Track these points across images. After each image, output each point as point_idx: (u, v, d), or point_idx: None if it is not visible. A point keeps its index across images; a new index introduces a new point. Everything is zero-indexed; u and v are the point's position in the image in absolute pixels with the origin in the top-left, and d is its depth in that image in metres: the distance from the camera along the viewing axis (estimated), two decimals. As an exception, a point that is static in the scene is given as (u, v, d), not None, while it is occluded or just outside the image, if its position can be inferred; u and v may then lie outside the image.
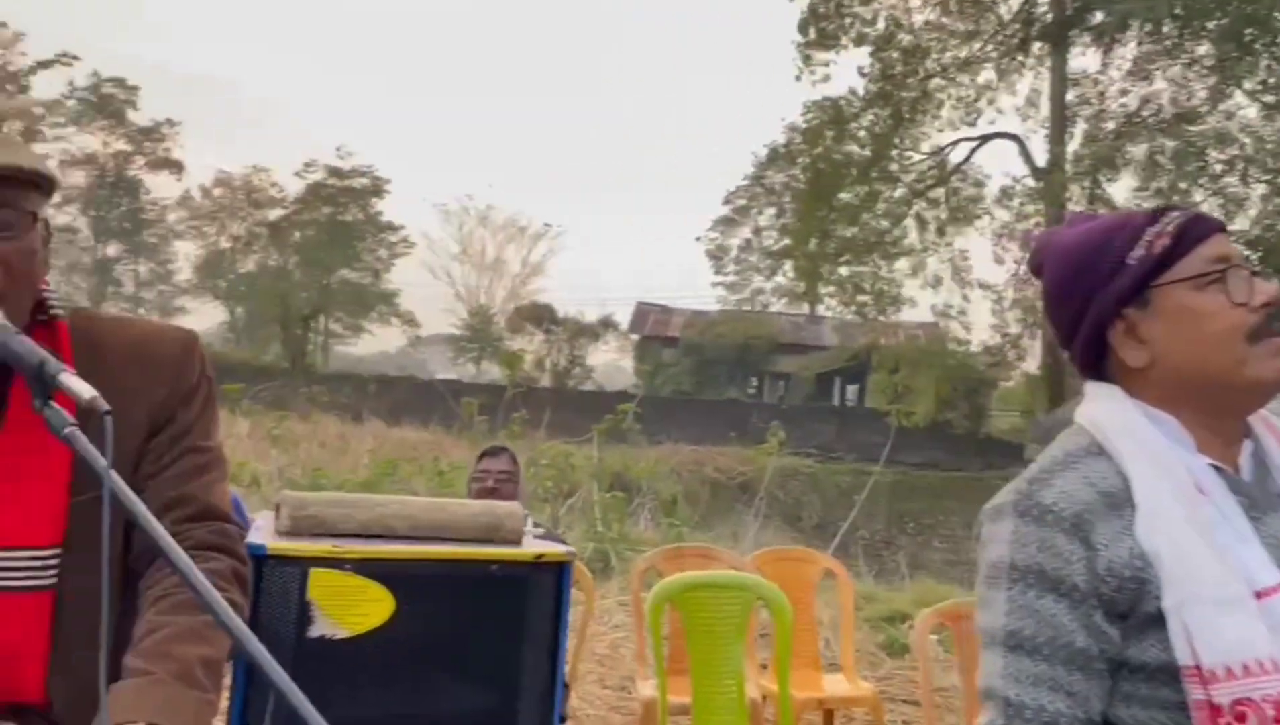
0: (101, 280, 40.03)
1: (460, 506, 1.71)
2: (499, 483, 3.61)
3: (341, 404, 22.93)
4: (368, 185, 41.13)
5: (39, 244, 1.35)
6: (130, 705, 1.18)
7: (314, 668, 1.52)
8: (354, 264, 42.02)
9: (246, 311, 41.08)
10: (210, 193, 42.99)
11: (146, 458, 1.41)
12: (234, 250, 42.94)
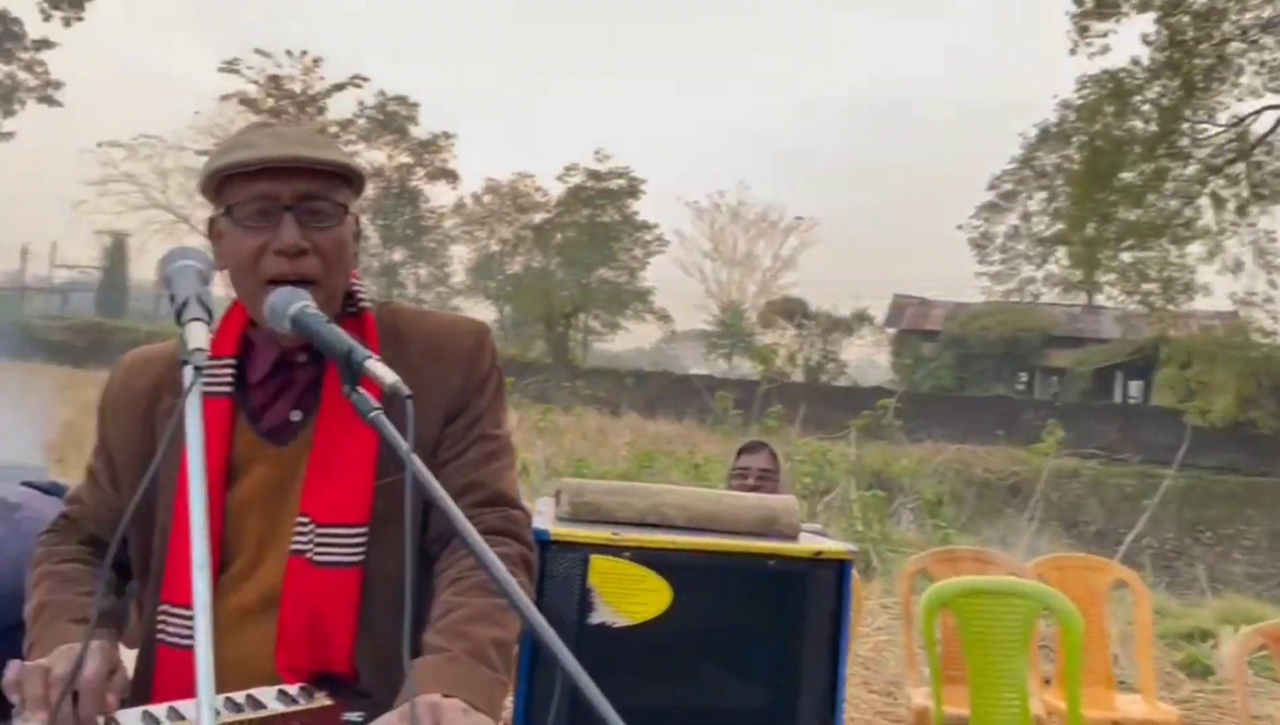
0: (388, 283, 43.59)
1: (736, 498, 1.67)
2: (760, 480, 3.55)
3: (600, 398, 23.77)
4: (624, 186, 42.39)
5: (349, 236, 1.43)
6: (428, 679, 1.22)
7: (594, 655, 1.52)
8: (611, 263, 43.45)
9: (514, 310, 43.44)
10: (481, 199, 45.81)
11: (442, 444, 1.46)
12: (502, 253, 45.52)
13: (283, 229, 1.34)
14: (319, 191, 1.37)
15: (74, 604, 1.38)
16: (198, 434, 1.05)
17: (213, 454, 1.40)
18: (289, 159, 1.33)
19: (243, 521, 1.41)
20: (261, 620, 1.40)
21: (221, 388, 1.43)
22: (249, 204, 1.35)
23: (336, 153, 1.40)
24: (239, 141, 1.38)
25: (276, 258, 1.34)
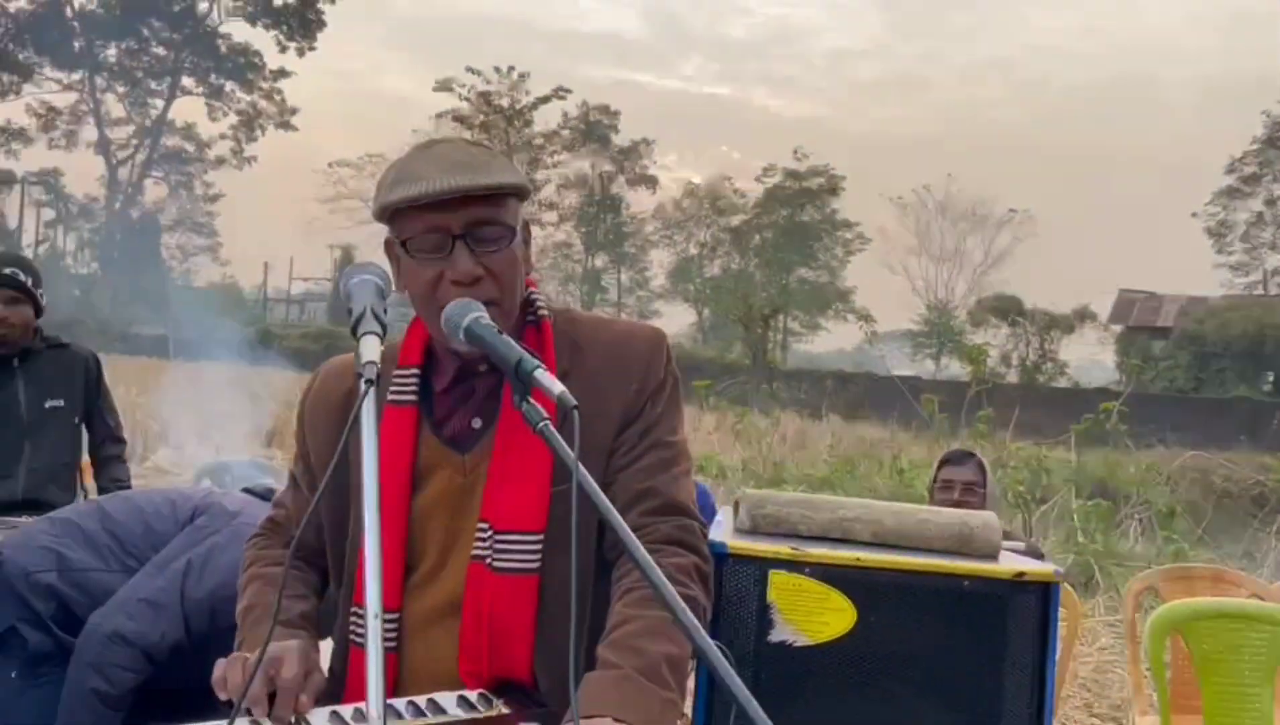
0: (591, 288, 44.72)
1: (930, 513, 1.57)
2: (966, 493, 3.36)
3: (800, 400, 23.45)
4: (823, 185, 41.72)
5: (521, 251, 1.44)
6: (597, 697, 1.20)
7: (774, 674, 1.47)
8: (811, 263, 42.88)
9: (712, 312, 43.57)
10: (680, 203, 46.26)
11: (618, 451, 1.45)
12: (701, 256, 45.79)
13: (456, 260, 1.35)
14: (487, 216, 1.37)
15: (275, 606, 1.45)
16: (372, 443, 1.08)
17: (398, 461, 1.44)
18: (454, 191, 1.33)
19: (427, 526, 1.44)
20: (446, 624, 1.42)
21: (407, 397, 1.47)
22: (422, 237, 1.37)
23: (500, 172, 1.40)
24: (406, 173, 1.38)
25: (454, 287, 1.36)
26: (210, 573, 2.23)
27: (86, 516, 2.50)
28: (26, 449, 3.31)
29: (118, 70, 41.81)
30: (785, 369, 32.11)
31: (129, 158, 42.59)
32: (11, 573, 2.34)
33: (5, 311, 3.28)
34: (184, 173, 43.93)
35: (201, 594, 2.22)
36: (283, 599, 1.46)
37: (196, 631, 2.22)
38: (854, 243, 43.38)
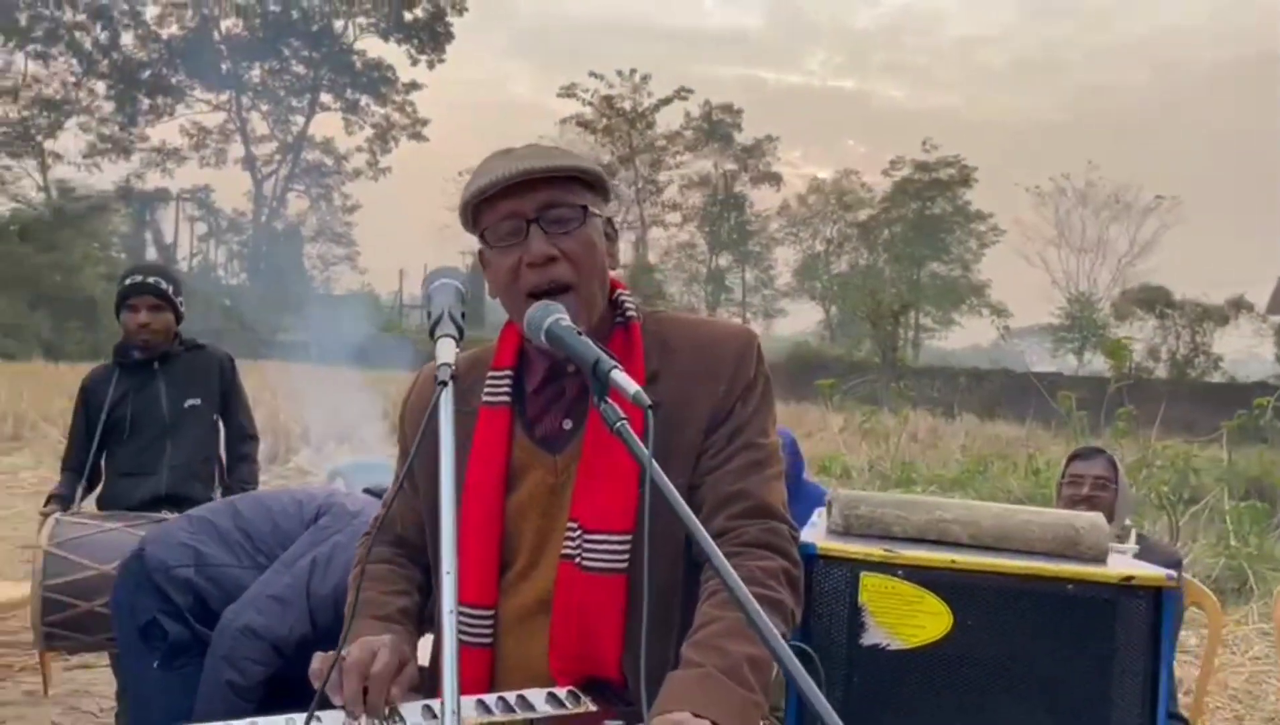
0: (716, 288, 44.65)
1: (1033, 514, 1.51)
2: (1095, 490, 3.22)
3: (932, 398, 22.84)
4: (954, 176, 40.59)
5: (597, 236, 1.45)
6: (679, 696, 1.20)
7: (868, 678, 1.44)
8: (943, 257, 41.79)
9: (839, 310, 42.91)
10: (805, 200, 45.76)
11: (706, 452, 1.44)
12: (827, 252, 45.18)
13: (531, 241, 1.38)
14: (557, 198, 1.40)
15: (378, 602, 1.50)
16: (449, 442, 1.10)
17: (492, 461, 1.47)
18: (522, 174, 1.37)
19: (520, 525, 1.47)
20: (538, 622, 1.44)
21: (500, 398, 1.50)
22: (499, 225, 1.41)
23: (569, 159, 1.43)
24: (480, 171, 1.44)
25: (530, 270, 1.38)
26: (333, 570, 2.33)
27: (220, 515, 2.65)
28: (168, 447, 3.52)
29: (261, 90, 43.99)
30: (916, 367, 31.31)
31: (273, 173, 44.78)
32: (152, 567, 2.49)
33: (148, 317, 3.50)
34: (323, 185, 45.92)
35: (325, 590, 2.32)
36: (383, 595, 1.51)
37: (322, 626, 2.32)
38: (988, 235, 42.09)
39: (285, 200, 45.45)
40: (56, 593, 3.10)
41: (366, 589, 1.54)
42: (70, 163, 41.01)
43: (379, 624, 1.44)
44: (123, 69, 41.19)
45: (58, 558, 3.12)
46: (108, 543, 3.14)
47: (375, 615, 1.47)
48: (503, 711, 1.30)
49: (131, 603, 2.48)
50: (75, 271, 31.84)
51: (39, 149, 40.19)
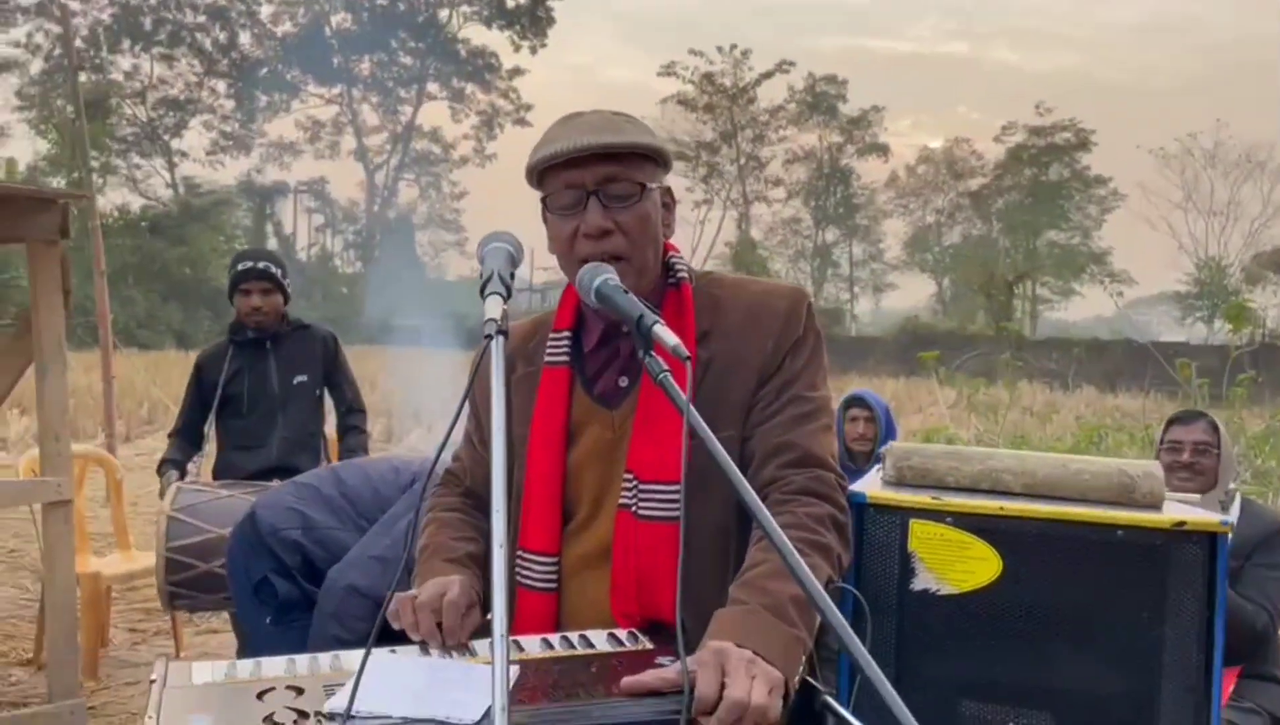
0: (822, 263, 44.11)
1: (1086, 463, 1.51)
2: (1195, 455, 3.11)
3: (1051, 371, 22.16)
4: (1071, 140, 39.11)
5: (653, 210, 1.51)
6: (726, 630, 1.26)
7: (917, 622, 1.47)
8: (1061, 224, 40.38)
9: (952, 282, 41.90)
10: (914, 171, 44.75)
11: (756, 405, 1.50)
12: (938, 223, 44.14)
13: (588, 213, 1.45)
14: (618, 174, 1.46)
15: (448, 546, 1.60)
16: (500, 393, 1.17)
17: (554, 417, 1.56)
18: (585, 148, 1.44)
19: (581, 478, 1.55)
20: (599, 569, 1.52)
21: (560, 357, 1.58)
22: (560, 194, 1.49)
23: (633, 134, 1.49)
24: (547, 137, 1.51)
25: (585, 240, 1.45)
26: None
27: (324, 481, 2.83)
28: (279, 421, 3.74)
29: (371, 82, 45.24)
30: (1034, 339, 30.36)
31: (384, 163, 46.06)
32: (263, 529, 2.68)
33: (260, 300, 3.73)
34: (432, 174, 47.03)
35: None
36: (452, 540, 1.61)
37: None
38: (1109, 200, 40.50)
39: (396, 189, 46.74)
40: (178, 554, 3.34)
41: (437, 535, 1.65)
42: (195, 160, 43.04)
43: (448, 566, 1.54)
44: (241, 67, 42.90)
45: (179, 522, 3.37)
46: (224, 508, 3.37)
47: (445, 558, 1.57)
48: (565, 648, 1.38)
49: (245, 563, 2.67)
50: (202, 264, 33.43)
51: (166, 147, 42.24)
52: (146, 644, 5.11)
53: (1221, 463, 3.11)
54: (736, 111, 41.50)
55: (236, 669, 1.25)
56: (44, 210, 2.99)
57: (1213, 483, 3.08)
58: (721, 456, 1.14)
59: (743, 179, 42.46)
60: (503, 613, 1.04)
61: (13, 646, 4.94)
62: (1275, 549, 2.94)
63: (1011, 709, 1.43)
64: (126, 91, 40.34)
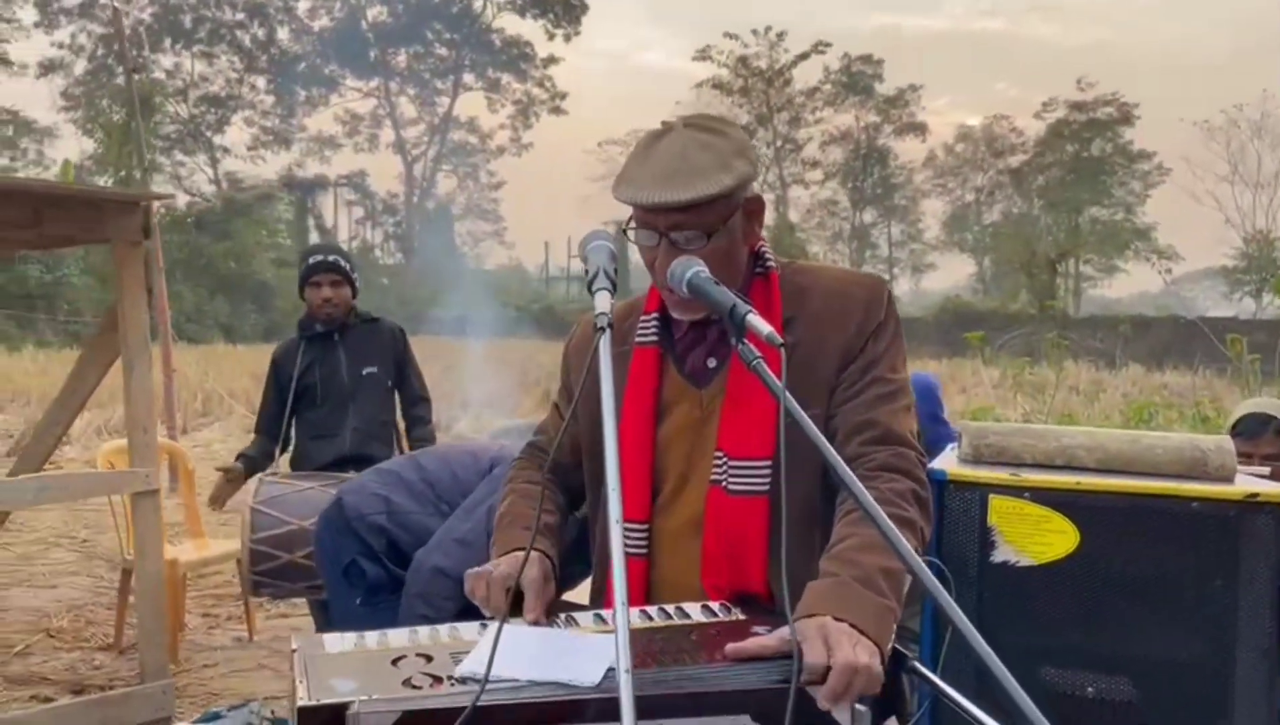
0: (860, 245, 43.83)
1: (1159, 439, 1.57)
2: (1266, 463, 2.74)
3: (1096, 349, 21.94)
4: (1113, 114, 38.51)
5: (729, 241, 1.56)
6: (817, 602, 1.33)
7: (998, 592, 1.54)
8: (1104, 200, 39.81)
9: (992, 261, 41.49)
10: (952, 149, 44.28)
11: (840, 387, 1.57)
12: (978, 202, 43.68)
13: (660, 254, 1.53)
14: (686, 222, 1.51)
15: (526, 515, 1.69)
16: (609, 379, 1.26)
17: (644, 395, 1.64)
18: (654, 205, 1.49)
19: (670, 452, 1.64)
20: (689, 542, 1.61)
21: (650, 338, 1.67)
22: (637, 228, 1.56)
23: (705, 181, 1.49)
24: (625, 175, 1.56)
25: (661, 271, 1.53)
26: None
27: (406, 468, 2.95)
28: (350, 411, 3.87)
29: (407, 74, 45.56)
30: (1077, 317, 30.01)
31: (422, 154, 46.41)
32: (350, 515, 2.80)
33: (330, 293, 3.86)
34: (469, 164, 47.32)
35: None
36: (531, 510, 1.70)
37: None
38: (1152, 175, 39.83)
39: (434, 180, 47.08)
40: (263, 545, 3.47)
41: (516, 504, 1.74)
42: (237, 155, 43.63)
43: (526, 534, 1.62)
44: (280, 63, 43.39)
45: (263, 514, 3.50)
46: (304, 500, 3.50)
47: (524, 526, 1.65)
48: (661, 618, 1.47)
49: (334, 546, 2.79)
50: (247, 258, 33.93)
51: (208, 144, 42.86)
52: (220, 628, 5.29)
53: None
54: (772, 94, 41.26)
55: (365, 639, 1.35)
56: (128, 212, 3.12)
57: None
58: (817, 436, 1.22)
59: (779, 162, 42.27)
60: (623, 582, 1.12)
61: (94, 632, 5.14)
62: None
63: (1090, 675, 1.49)
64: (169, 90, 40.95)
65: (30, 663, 4.64)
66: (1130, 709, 1.47)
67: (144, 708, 3.24)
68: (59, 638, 5.04)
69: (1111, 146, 39.50)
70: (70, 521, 7.86)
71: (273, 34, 43.34)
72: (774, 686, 1.18)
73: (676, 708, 1.15)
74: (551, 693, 1.15)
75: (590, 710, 1.13)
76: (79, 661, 4.67)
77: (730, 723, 1.16)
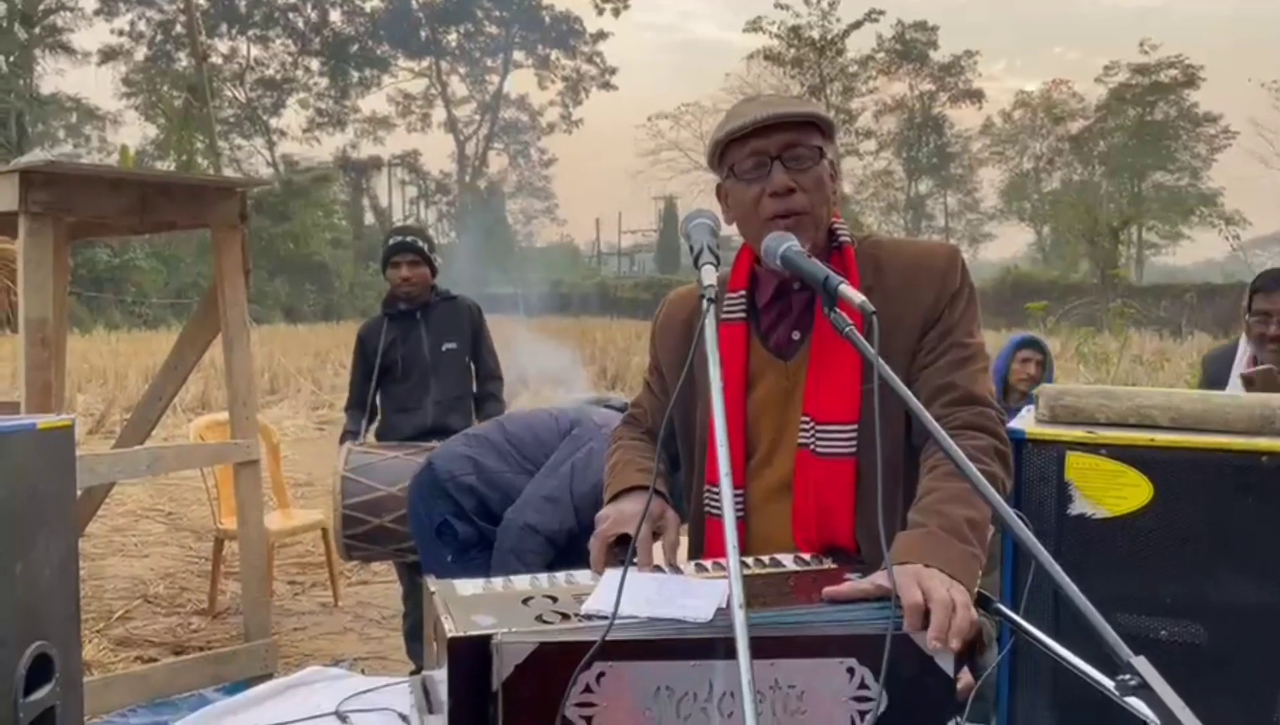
0: (916, 216, 43.31)
1: (1229, 399, 1.65)
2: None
3: (1161, 318, 21.56)
4: (1178, 77, 37.53)
5: (827, 175, 1.69)
6: (908, 550, 1.43)
7: (1075, 543, 1.63)
8: (1167, 166, 38.91)
9: (1052, 230, 40.76)
10: (1010, 116, 43.48)
11: (920, 353, 1.67)
12: (1037, 170, 42.88)
13: (774, 175, 1.63)
14: (798, 140, 1.64)
15: (638, 462, 1.80)
16: (714, 348, 1.36)
17: (734, 367, 1.75)
18: (771, 118, 1.62)
19: (760, 420, 1.74)
20: (780, 502, 1.72)
21: (737, 314, 1.77)
22: (745, 160, 1.66)
23: (808, 106, 1.67)
24: (732, 115, 1.70)
25: (771, 200, 1.64)
26: (591, 473, 2.73)
27: (491, 431, 3.11)
28: (432, 385, 4.04)
29: (458, 54, 45.85)
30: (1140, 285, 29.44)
31: (474, 133, 46.75)
32: (441, 477, 2.97)
33: (409, 272, 4.02)
34: (520, 142, 47.58)
35: (586, 488, 2.73)
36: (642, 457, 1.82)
37: (585, 520, 2.71)
38: (1218, 139, 38.83)
39: (486, 159, 47.40)
40: (354, 510, 3.66)
41: (627, 453, 1.85)
42: (293, 138, 44.33)
43: (641, 475, 1.74)
44: (333, 45, 43.90)
45: (352, 481, 3.68)
46: (392, 468, 3.67)
47: (638, 468, 1.77)
48: (758, 567, 1.59)
49: (426, 507, 2.96)
50: (305, 239, 34.51)
51: (265, 127, 43.57)
52: (305, 595, 5.54)
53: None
54: (824, 64, 40.83)
55: (493, 584, 1.48)
56: (226, 197, 3.30)
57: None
58: (908, 396, 1.31)
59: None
60: (734, 531, 1.24)
61: (188, 598, 5.41)
62: None
63: (1164, 620, 1.58)
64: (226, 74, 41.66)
65: (131, 626, 4.92)
66: (1201, 651, 1.56)
67: (250, 664, 3.45)
68: (155, 603, 5.32)
69: (1176, 110, 38.54)
70: (155, 495, 8.20)
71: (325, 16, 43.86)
72: (876, 633, 1.26)
73: (782, 649, 1.25)
74: (669, 629, 1.27)
75: (708, 647, 1.25)
76: (177, 625, 4.93)
77: (838, 664, 1.26)
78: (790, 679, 1.24)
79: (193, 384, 13.15)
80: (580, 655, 1.21)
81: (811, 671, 1.24)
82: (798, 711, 1.24)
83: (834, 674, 1.24)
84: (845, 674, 1.25)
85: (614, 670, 1.22)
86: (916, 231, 41.66)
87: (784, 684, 1.24)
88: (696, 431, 1.82)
